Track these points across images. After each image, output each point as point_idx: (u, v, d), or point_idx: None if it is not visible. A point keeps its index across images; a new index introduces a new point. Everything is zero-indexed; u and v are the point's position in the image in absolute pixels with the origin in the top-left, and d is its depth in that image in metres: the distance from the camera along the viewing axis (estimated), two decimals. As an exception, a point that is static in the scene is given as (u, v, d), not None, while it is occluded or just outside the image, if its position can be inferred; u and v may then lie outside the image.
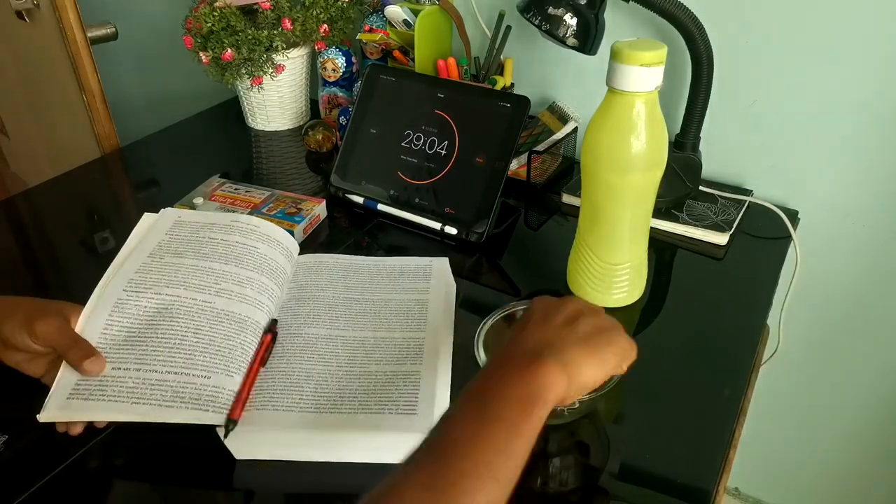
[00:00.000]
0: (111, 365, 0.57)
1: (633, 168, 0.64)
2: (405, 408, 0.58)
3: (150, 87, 1.61)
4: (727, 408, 0.62)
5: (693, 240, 0.85)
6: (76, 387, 0.55)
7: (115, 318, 0.61)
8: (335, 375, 0.62)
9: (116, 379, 0.56)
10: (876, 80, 0.83)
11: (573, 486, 0.56)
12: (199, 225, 0.72)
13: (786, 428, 1.16)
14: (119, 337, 0.59)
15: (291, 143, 1.11)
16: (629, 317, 0.72)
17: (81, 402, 0.55)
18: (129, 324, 0.61)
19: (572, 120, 0.99)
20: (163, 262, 0.66)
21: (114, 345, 0.59)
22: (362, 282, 0.74)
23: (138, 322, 0.61)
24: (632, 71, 0.60)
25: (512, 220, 0.90)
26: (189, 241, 0.70)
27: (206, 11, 0.99)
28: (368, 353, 0.65)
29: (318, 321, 0.68)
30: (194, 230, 0.71)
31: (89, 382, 0.56)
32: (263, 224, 0.74)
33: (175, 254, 0.68)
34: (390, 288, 0.73)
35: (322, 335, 0.66)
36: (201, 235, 0.71)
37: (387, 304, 0.71)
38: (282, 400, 0.59)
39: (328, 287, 0.73)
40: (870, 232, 0.91)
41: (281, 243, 0.74)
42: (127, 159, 1.12)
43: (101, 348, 0.58)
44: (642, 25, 0.92)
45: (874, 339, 0.99)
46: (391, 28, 1.03)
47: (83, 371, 0.56)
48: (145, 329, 0.60)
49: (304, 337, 0.66)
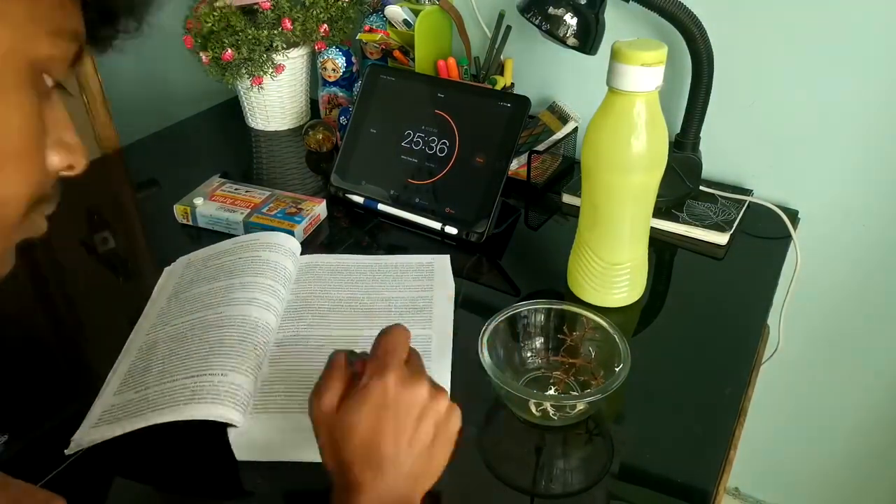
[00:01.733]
0: (133, 390, 0.59)
1: (633, 168, 0.64)
2: None
3: (150, 87, 1.61)
4: (727, 407, 0.62)
5: (693, 240, 0.85)
6: (101, 415, 0.57)
7: (136, 362, 0.63)
8: None
9: (136, 401, 0.57)
10: (876, 80, 0.83)
11: (573, 487, 0.56)
12: (207, 257, 0.75)
13: (786, 428, 1.16)
14: (137, 368, 0.62)
15: (291, 143, 1.11)
16: (629, 317, 0.72)
17: (106, 425, 0.56)
18: (149, 356, 0.63)
19: (572, 120, 0.99)
20: (179, 300, 0.69)
21: (133, 375, 0.61)
22: (365, 281, 0.74)
23: (158, 352, 0.63)
24: (632, 71, 0.60)
25: (512, 220, 0.90)
26: (199, 272, 0.72)
27: (206, 11, 0.99)
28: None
29: (321, 323, 0.68)
30: (203, 263, 0.74)
31: (113, 409, 0.57)
32: (262, 234, 0.76)
33: (188, 290, 0.70)
34: (394, 286, 0.74)
35: (325, 336, 0.66)
36: (210, 265, 0.73)
37: (392, 302, 0.71)
38: (285, 401, 0.59)
39: (332, 288, 0.73)
40: (870, 232, 0.91)
41: (282, 245, 0.75)
42: (127, 159, 1.12)
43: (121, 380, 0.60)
44: (642, 25, 0.92)
45: (874, 338, 0.99)
46: (391, 28, 1.03)
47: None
48: (163, 353, 0.62)
49: (307, 339, 0.66)
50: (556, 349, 0.64)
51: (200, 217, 0.85)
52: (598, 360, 0.62)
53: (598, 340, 0.62)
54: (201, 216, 0.85)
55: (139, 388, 0.59)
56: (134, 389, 0.59)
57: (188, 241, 0.84)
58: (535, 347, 0.65)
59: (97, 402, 0.59)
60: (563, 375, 0.62)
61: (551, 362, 0.64)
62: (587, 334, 0.62)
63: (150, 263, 0.78)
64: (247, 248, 0.74)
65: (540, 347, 0.65)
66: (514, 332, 0.64)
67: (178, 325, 0.65)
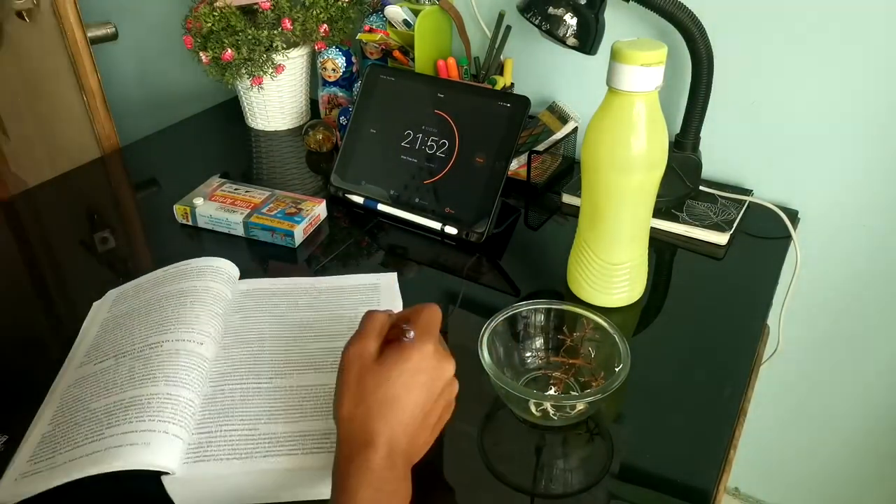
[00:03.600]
0: (61, 438, 0.55)
1: (633, 168, 0.64)
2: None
3: (150, 87, 1.61)
4: (727, 408, 0.62)
5: (693, 240, 0.85)
6: (24, 471, 0.54)
7: (61, 406, 0.59)
8: (272, 420, 0.58)
9: (63, 451, 0.54)
10: (876, 79, 0.83)
11: (574, 487, 0.56)
12: (139, 288, 0.71)
13: (786, 428, 1.16)
14: (62, 414, 0.58)
15: (291, 143, 1.11)
16: (629, 317, 0.72)
17: (31, 477, 0.53)
18: (73, 403, 0.59)
19: (572, 120, 0.99)
20: (109, 337, 0.65)
21: (57, 425, 0.57)
22: (310, 304, 0.71)
23: (84, 395, 0.59)
24: (632, 71, 0.60)
25: (512, 220, 0.90)
26: (131, 305, 0.69)
27: (206, 11, 0.99)
28: (303, 400, 0.60)
29: (254, 369, 0.63)
30: (135, 294, 0.71)
31: (36, 460, 0.54)
32: (197, 261, 0.73)
33: (119, 325, 0.66)
34: (338, 307, 0.70)
35: (258, 387, 0.61)
36: (142, 297, 0.70)
37: (336, 323, 0.67)
38: (223, 448, 0.55)
39: (267, 320, 0.69)
40: (870, 232, 0.91)
41: (218, 272, 0.72)
42: (127, 159, 1.12)
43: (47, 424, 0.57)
44: (642, 25, 0.92)
45: (874, 338, 0.99)
46: (391, 28, 1.03)
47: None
48: (88, 397, 0.58)
49: (240, 388, 0.61)
50: (555, 349, 0.64)
51: (200, 217, 0.85)
52: (598, 360, 0.62)
53: (598, 340, 0.62)
54: (201, 216, 0.85)
55: (66, 437, 0.55)
56: (62, 437, 0.55)
57: (188, 242, 0.84)
58: (534, 347, 0.65)
59: (20, 453, 0.55)
60: (562, 375, 0.63)
61: (551, 362, 0.64)
62: (587, 334, 0.62)
63: (150, 263, 0.78)
64: (181, 276, 0.70)
65: (540, 347, 0.65)
66: (514, 332, 0.64)
67: (106, 364, 0.61)
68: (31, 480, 0.53)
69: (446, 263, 0.80)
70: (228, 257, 0.76)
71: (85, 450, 0.53)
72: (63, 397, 0.60)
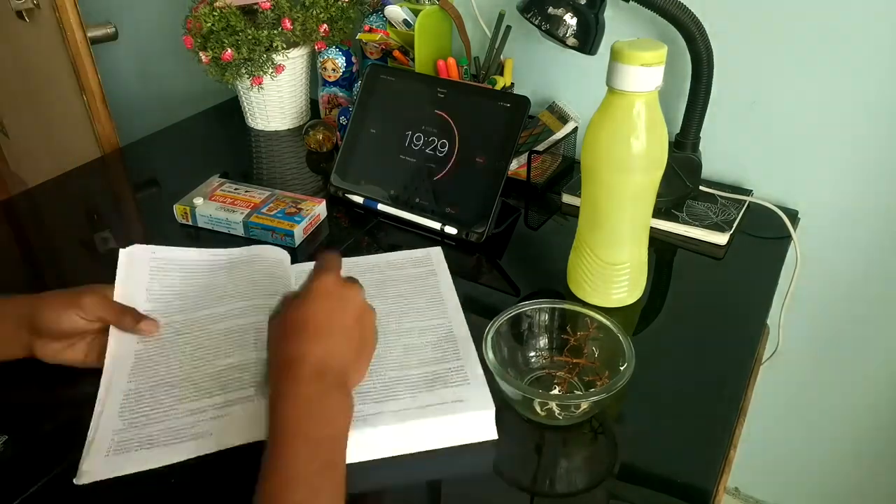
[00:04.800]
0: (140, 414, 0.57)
1: (633, 168, 0.64)
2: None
3: (150, 87, 1.61)
4: (727, 408, 0.62)
5: (693, 240, 0.85)
6: (111, 445, 0.55)
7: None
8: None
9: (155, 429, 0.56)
10: (876, 79, 0.83)
11: (574, 487, 0.56)
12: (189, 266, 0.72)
13: (786, 428, 1.16)
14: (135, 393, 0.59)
15: (291, 143, 1.11)
16: (629, 317, 0.72)
17: (122, 455, 0.54)
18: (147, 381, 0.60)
19: (572, 120, 0.99)
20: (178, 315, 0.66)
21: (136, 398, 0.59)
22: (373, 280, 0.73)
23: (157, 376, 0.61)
24: (632, 71, 0.60)
25: (512, 220, 0.90)
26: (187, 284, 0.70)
27: (206, 11, 0.99)
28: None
29: None
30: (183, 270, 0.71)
31: (128, 433, 0.56)
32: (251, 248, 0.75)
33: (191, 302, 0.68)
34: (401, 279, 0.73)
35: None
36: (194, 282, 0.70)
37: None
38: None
39: None
40: (870, 232, 0.91)
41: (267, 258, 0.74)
42: (127, 159, 1.12)
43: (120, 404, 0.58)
44: (642, 25, 0.92)
45: (874, 338, 0.99)
46: (391, 28, 1.03)
47: (141, 332, 0.61)
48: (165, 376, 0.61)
49: None
50: (559, 349, 0.64)
51: (200, 217, 0.85)
52: (602, 359, 0.62)
53: (601, 340, 0.62)
54: (201, 216, 0.85)
55: (145, 412, 0.57)
56: (140, 414, 0.57)
57: (188, 242, 0.84)
58: (538, 347, 0.65)
59: (100, 426, 0.56)
60: (566, 375, 0.63)
61: (555, 362, 0.64)
62: (591, 334, 0.62)
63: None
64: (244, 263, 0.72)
65: (543, 347, 0.65)
66: (517, 332, 0.64)
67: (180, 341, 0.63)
68: (119, 458, 0.54)
69: (446, 263, 0.80)
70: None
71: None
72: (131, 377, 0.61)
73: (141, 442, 0.55)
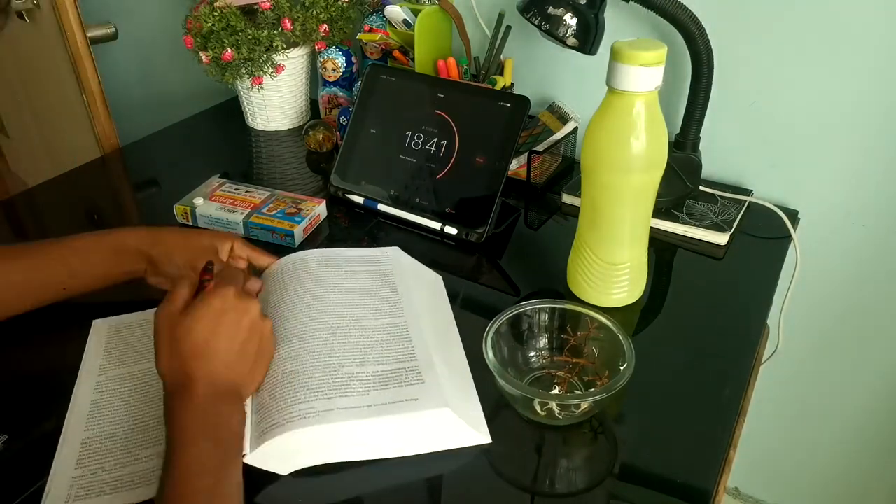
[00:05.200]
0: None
1: (632, 168, 0.64)
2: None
3: (150, 87, 1.61)
4: (727, 408, 0.62)
5: (693, 240, 0.85)
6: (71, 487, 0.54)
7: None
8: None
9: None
10: (876, 80, 0.83)
11: (574, 487, 0.56)
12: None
13: (786, 428, 1.16)
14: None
15: (291, 143, 1.11)
16: (629, 317, 0.72)
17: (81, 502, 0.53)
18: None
19: (572, 120, 0.99)
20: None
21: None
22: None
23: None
24: (632, 71, 0.60)
25: (512, 220, 0.90)
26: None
27: (206, 11, 0.99)
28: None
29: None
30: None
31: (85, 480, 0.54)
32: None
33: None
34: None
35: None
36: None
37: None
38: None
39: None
40: (870, 232, 0.91)
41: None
42: (127, 159, 1.12)
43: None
44: (642, 25, 0.92)
45: (874, 338, 0.99)
46: (391, 28, 1.03)
47: (258, 284, 0.63)
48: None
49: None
50: (559, 349, 0.64)
51: (200, 217, 0.85)
52: (602, 359, 0.62)
53: (601, 340, 0.62)
54: (201, 216, 0.85)
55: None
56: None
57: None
58: (538, 347, 0.65)
59: (57, 474, 0.54)
60: (567, 375, 0.63)
61: (555, 362, 0.64)
62: (591, 334, 0.63)
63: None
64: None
65: (544, 347, 0.65)
66: (518, 332, 0.64)
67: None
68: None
69: (446, 263, 0.80)
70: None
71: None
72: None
73: (102, 488, 0.54)
